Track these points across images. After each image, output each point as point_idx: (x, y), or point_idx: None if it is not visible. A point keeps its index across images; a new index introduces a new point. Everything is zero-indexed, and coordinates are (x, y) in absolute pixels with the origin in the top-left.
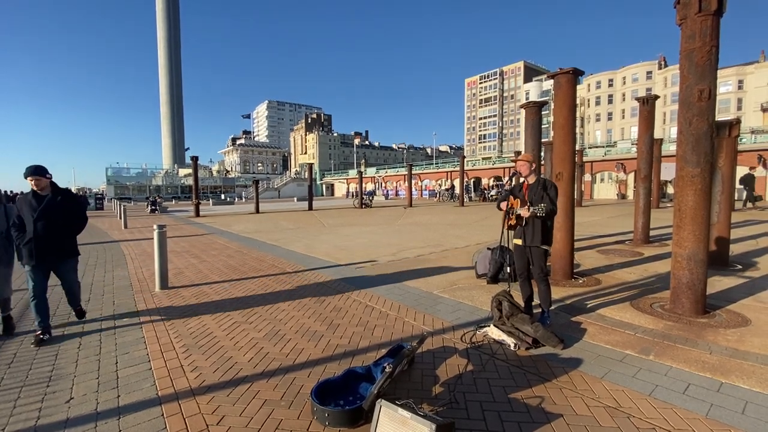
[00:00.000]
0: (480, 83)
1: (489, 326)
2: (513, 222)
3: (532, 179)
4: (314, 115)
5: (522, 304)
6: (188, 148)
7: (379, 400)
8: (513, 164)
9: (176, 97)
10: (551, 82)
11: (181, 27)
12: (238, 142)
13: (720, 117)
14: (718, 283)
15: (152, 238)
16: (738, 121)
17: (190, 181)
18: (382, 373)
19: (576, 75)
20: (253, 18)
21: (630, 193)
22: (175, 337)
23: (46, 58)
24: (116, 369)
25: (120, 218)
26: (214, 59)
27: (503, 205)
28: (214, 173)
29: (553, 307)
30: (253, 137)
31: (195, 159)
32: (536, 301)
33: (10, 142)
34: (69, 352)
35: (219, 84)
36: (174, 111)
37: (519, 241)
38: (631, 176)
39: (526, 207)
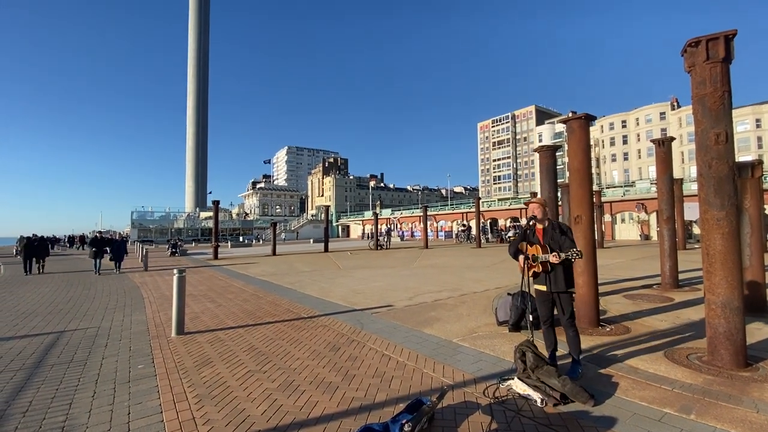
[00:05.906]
0: (492, 127)
1: (513, 379)
2: (539, 269)
3: (544, 223)
4: (331, 159)
5: (546, 354)
6: (211, 192)
7: None
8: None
9: (201, 145)
10: (563, 124)
11: (209, 82)
12: (258, 186)
13: (741, 156)
14: (758, 332)
15: (170, 281)
16: (760, 162)
17: (211, 224)
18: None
19: (588, 120)
20: (280, 75)
21: (654, 234)
22: (188, 387)
23: (83, 110)
24: (128, 420)
25: (141, 261)
26: (239, 108)
27: (521, 258)
28: (234, 216)
29: (581, 357)
30: (273, 181)
31: (216, 203)
32: (560, 351)
33: (52, 187)
34: (83, 401)
35: (243, 132)
36: (199, 158)
37: (543, 287)
38: (654, 216)
39: (555, 254)
